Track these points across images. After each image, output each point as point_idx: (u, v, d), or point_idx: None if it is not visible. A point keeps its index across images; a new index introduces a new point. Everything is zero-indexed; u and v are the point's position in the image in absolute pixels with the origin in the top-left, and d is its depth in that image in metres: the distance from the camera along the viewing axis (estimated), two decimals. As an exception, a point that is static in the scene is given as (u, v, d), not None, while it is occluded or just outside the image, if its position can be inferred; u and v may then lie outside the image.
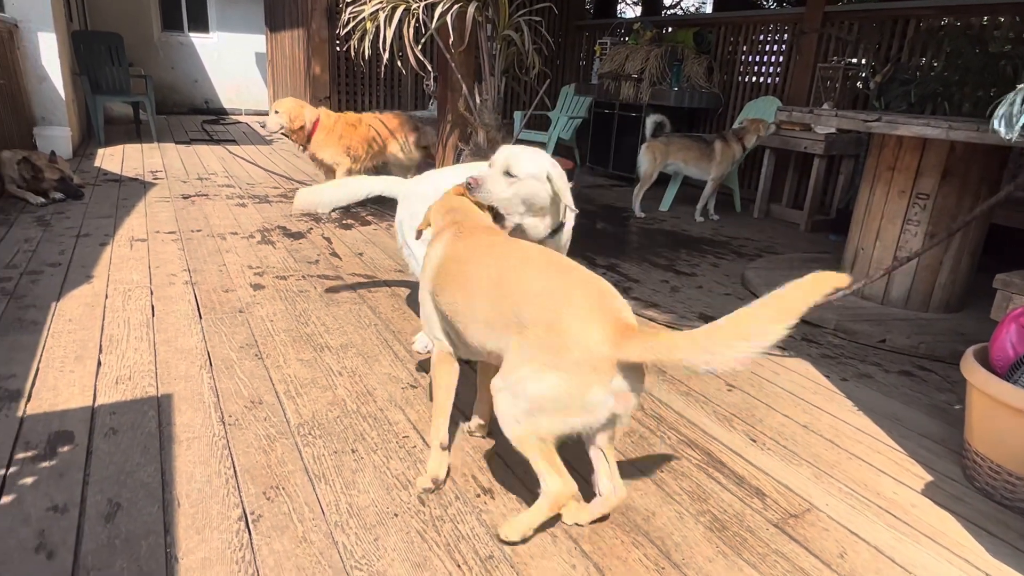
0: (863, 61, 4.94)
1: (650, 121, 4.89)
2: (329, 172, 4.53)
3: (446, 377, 1.66)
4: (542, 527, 1.46)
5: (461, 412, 1.94)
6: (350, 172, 4.41)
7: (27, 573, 1.28)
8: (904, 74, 4.49)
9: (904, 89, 4.35)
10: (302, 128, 4.21)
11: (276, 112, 4.20)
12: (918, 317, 2.96)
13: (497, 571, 1.37)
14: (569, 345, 1.29)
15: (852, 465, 1.85)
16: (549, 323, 1.32)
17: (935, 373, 2.51)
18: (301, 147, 4.40)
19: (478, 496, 1.61)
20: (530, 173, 1.82)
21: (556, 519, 1.50)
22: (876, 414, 2.15)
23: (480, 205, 1.81)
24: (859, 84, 4.93)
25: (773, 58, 5.77)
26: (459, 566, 1.38)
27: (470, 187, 1.81)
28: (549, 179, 1.83)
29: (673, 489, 1.69)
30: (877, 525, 1.60)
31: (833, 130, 4.65)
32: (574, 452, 1.53)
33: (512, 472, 1.70)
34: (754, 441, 1.94)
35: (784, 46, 5.63)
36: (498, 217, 1.84)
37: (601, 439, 1.45)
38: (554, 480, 1.38)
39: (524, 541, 1.44)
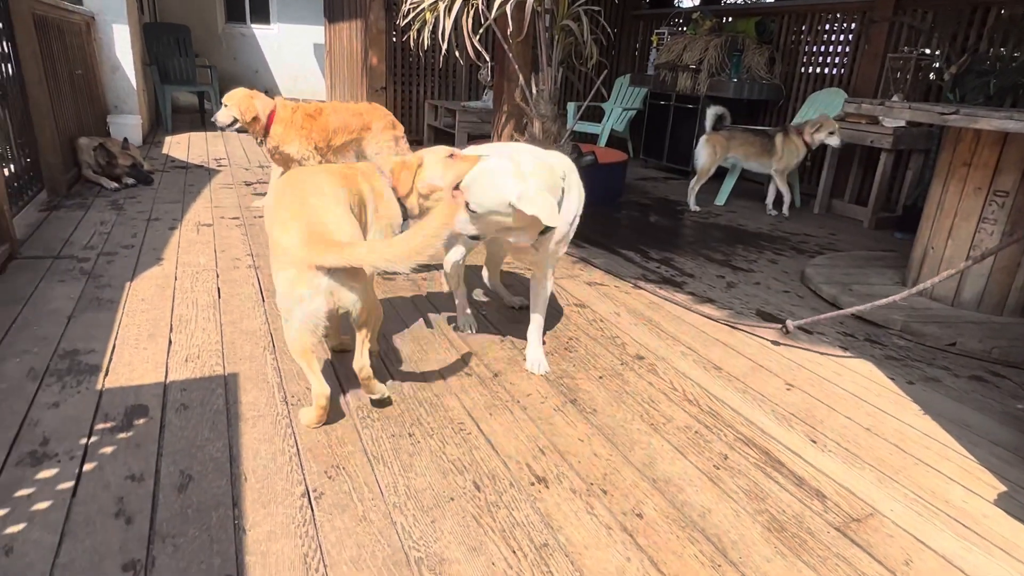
0: (937, 51, 4.71)
1: (710, 113, 4.78)
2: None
3: None
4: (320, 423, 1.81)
5: (514, 395, 1.95)
6: None
7: (108, 536, 1.36)
8: (982, 65, 4.27)
9: (982, 81, 4.13)
10: (255, 120, 3.85)
11: (225, 105, 3.86)
12: (991, 320, 2.82)
13: (552, 559, 1.38)
14: (278, 252, 1.70)
15: (919, 471, 1.79)
16: (272, 237, 1.75)
17: (1009, 379, 2.39)
18: (259, 140, 3.99)
19: (532, 485, 1.62)
20: (489, 209, 1.78)
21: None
22: (944, 419, 2.07)
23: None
24: (932, 75, 4.71)
25: (839, 48, 5.56)
26: (514, 552, 1.39)
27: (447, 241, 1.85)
28: (513, 207, 1.76)
29: (729, 487, 1.66)
30: (946, 534, 1.54)
31: (902, 123, 4.46)
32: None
33: (567, 463, 1.71)
34: (814, 442, 1.89)
35: (851, 35, 5.42)
36: None
37: (358, 330, 1.80)
38: (316, 383, 1.76)
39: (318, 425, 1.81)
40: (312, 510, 1.48)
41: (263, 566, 1.31)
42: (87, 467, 1.57)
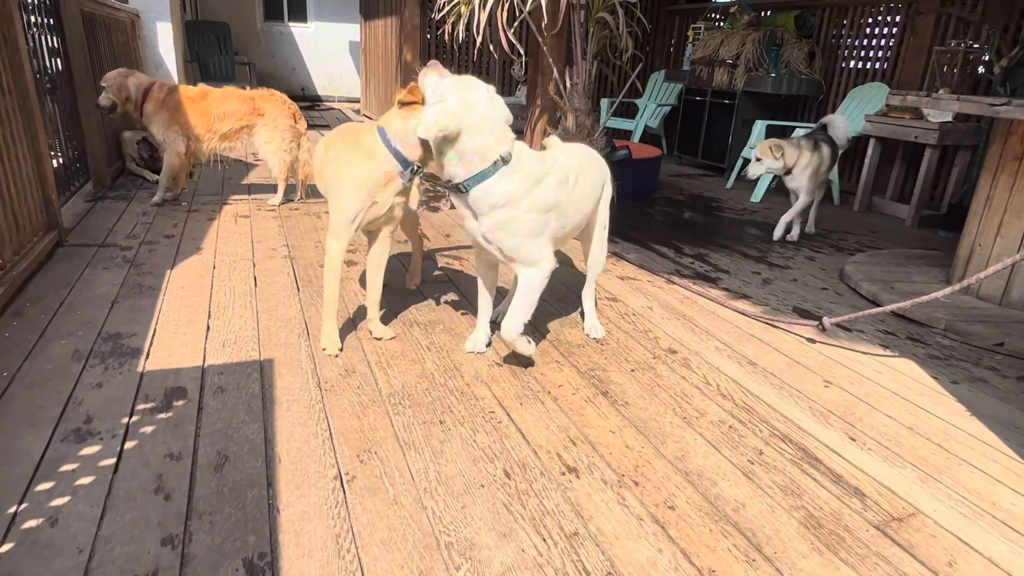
0: (987, 44, 4.54)
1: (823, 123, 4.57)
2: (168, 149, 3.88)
3: None
4: None
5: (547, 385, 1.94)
6: (183, 155, 3.87)
7: (148, 511, 1.39)
8: (1035, 57, 4.11)
9: (1035, 74, 3.98)
10: (128, 99, 3.74)
11: (105, 88, 3.73)
12: (1042, 321, 2.71)
13: (582, 548, 1.37)
14: None
15: (963, 472, 1.73)
16: None
17: (1061, 381, 2.30)
18: (136, 120, 3.88)
19: (563, 474, 1.61)
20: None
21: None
22: (992, 420, 2.00)
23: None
24: (980, 69, 4.55)
25: (882, 41, 5.41)
26: (544, 540, 1.39)
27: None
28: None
29: (764, 482, 1.63)
30: (992, 536, 1.49)
31: (949, 118, 4.32)
32: (663, 436, 1.50)
33: (598, 454, 1.70)
34: (853, 440, 1.84)
35: (895, 28, 5.27)
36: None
37: None
38: None
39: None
40: (344, 492, 1.49)
41: (296, 545, 1.33)
42: (128, 445, 1.62)
